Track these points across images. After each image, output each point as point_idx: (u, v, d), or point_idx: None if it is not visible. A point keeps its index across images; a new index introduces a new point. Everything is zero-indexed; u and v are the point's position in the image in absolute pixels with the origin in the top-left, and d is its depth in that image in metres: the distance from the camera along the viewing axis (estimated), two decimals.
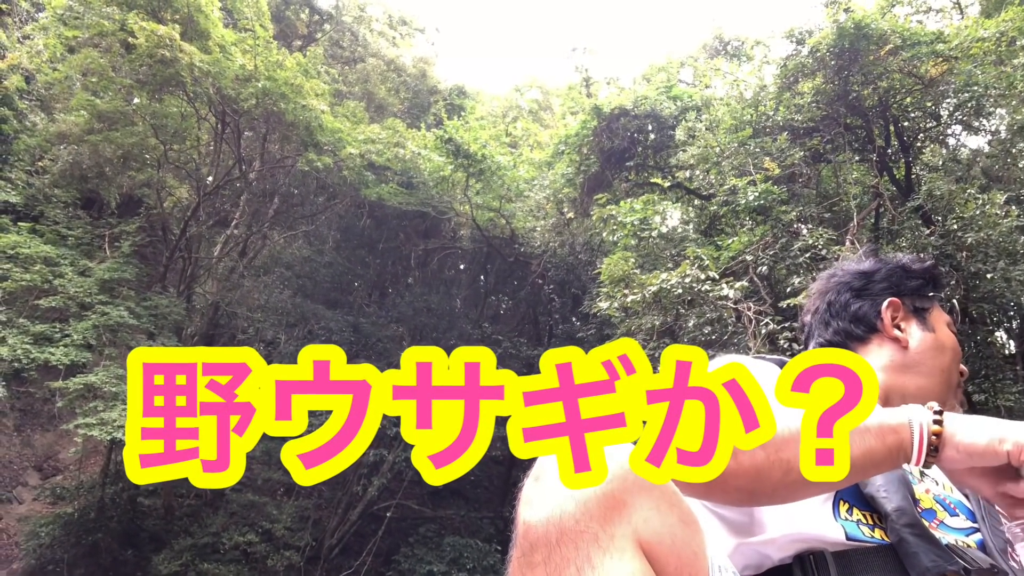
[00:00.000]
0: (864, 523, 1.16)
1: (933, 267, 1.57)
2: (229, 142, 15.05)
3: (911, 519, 1.11)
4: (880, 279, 1.54)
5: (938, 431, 1.03)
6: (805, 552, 1.13)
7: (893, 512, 1.12)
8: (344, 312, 17.13)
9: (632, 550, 0.85)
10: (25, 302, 12.31)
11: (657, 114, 11.27)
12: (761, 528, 1.18)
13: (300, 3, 19.90)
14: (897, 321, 1.48)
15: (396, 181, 15.33)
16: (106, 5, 12.39)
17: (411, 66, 20.66)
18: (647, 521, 0.88)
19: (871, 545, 1.12)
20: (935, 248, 8.35)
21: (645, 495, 0.89)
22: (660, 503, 0.90)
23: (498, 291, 18.75)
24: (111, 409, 11.05)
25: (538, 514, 0.87)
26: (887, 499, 1.14)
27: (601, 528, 0.84)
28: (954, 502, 1.26)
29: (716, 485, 0.96)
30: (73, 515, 14.24)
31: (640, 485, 0.88)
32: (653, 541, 0.88)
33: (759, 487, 0.99)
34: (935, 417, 1.04)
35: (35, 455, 17.46)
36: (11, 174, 14.63)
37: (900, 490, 1.16)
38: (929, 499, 1.23)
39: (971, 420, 1.05)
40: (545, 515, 0.86)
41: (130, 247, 13.87)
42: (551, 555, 0.84)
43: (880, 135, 10.13)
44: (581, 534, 0.84)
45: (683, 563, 0.90)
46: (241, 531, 14.24)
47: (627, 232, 9.28)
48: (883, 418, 1.03)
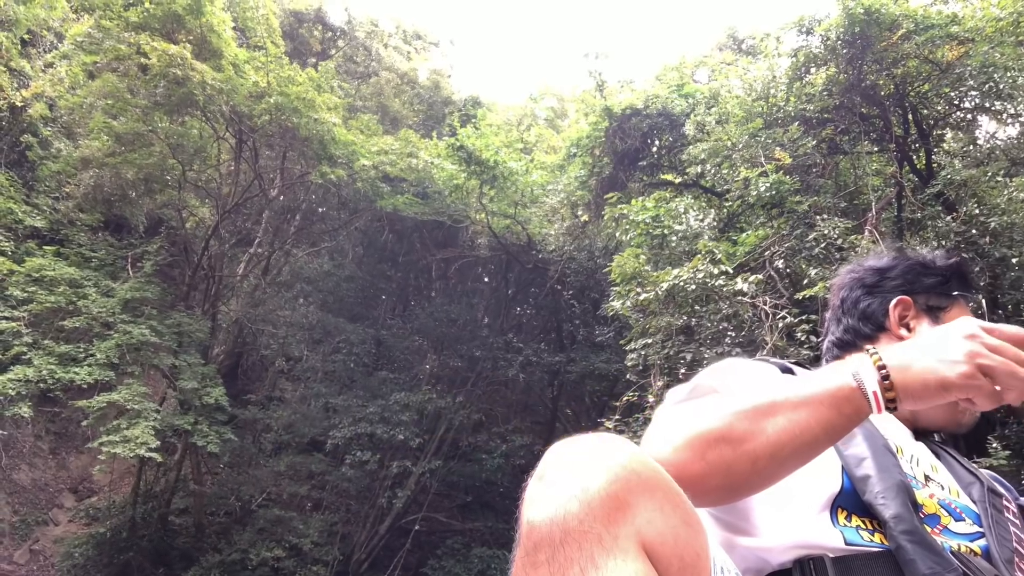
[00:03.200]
0: (864, 528, 1.13)
1: (957, 264, 1.51)
2: (247, 160, 15.23)
3: (908, 526, 1.08)
4: (895, 276, 1.51)
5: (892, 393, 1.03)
6: (805, 557, 1.11)
7: (891, 519, 1.09)
8: (366, 325, 17.17)
9: (635, 551, 0.86)
10: (51, 324, 12.53)
11: (669, 112, 11.15)
12: (756, 530, 1.17)
13: (313, 21, 20.18)
14: (907, 320, 1.45)
15: (411, 191, 15.39)
16: (123, 30, 12.65)
17: (425, 78, 20.82)
18: (650, 522, 0.88)
19: (871, 550, 1.10)
20: (957, 235, 8.11)
21: (648, 496, 0.89)
22: (664, 504, 0.90)
23: (520, 300, 18.69)
24: (134, 426, 11.16)
25: (542, 514, 0.87)
26: (885, 506, 1.10)
27: (605, 529, 0.85)
28: (960, 507, 1.20)
29: (696, 486, 0.99)
30: (106, 534, 14.43)
31: (644, 486, 0.89)
32: (656, 542, 0.88)
33: (733, 482, 1.03)
34: (881, 373, 1.04)
35: (70, 477, 17.73)
36: (37, 200, 14.96)
37: (899, 496, 1.11)
38: (933, 504, 1.18)
39: (911, 358, 1.05)
40: (549, 515, 0.86)
41: (152, 267, 14.08)
42: (555, 555, 0.84)
43: (898, 124, 9.89)
44: (585, 534, 0.84)
45: (686, 564, 0.90)
46: (268, 546, 14.27)
47: (640, 231, 9.15)
48: (826, 385, 1.04)
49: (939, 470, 1.29)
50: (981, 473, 1.31)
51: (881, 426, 1.28)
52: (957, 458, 1.36)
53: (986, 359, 1.00)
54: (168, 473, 15.08)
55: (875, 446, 1.19)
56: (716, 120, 9.64)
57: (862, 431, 1.20)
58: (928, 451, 1.34)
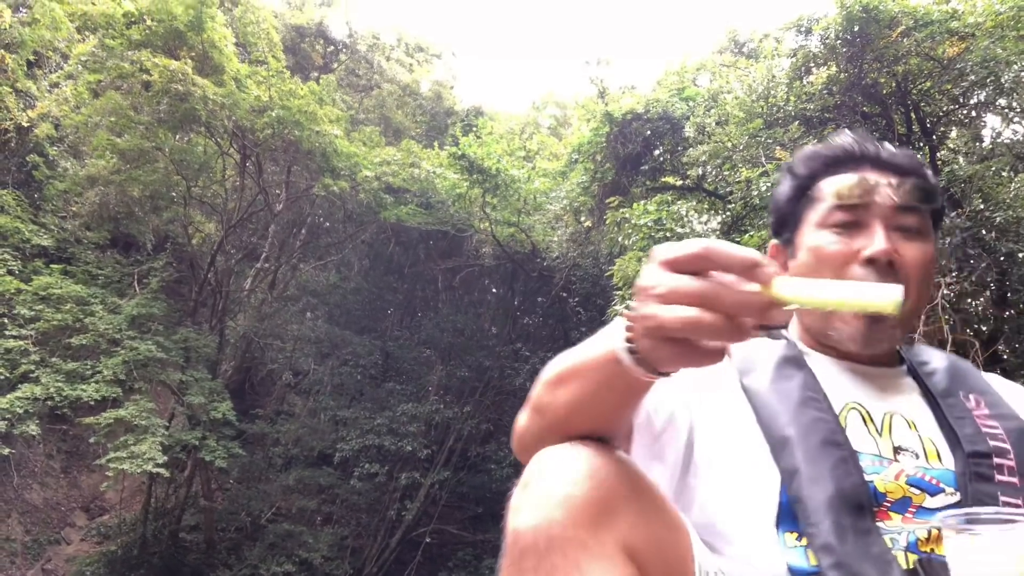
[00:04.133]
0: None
1: (792, 171, 1.32)
2: (251, 175, 15.31)
3: (837, 558, 0.98)
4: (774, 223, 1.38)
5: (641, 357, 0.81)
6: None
7: (819, 551, 1.00)
8: (373, 337, 17.18)
9: (619, 556, 0.86)
10: (58, 341, 12.58)
11: (670, 116, 11.12)
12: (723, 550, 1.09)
13: (315, 36, 20.33)
14: (782, 265, 1.31)
15: (415, 202, 15.42)
16: (127, 49, 12.77)
17: (427, 90, 20.91)
18: (634, 527, 0.88)
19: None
20: (963, 231, 8.02)
21: (632, 501, 0.90)
22: (647, 508, 0.91)
23: (527, 309, 18.65)
24: (141, 442, 11.17)
25: (527, 522, 0.87)
26: (814, 534, 1.01)
27: (589, 535, 0.85)
28: (937, 475, 1.10)
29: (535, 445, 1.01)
30: (116, 552, 14.42)
31: (627, 492, 0.90)
32: (640, 547, 0.89)
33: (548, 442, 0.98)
34: (628, 344, 0.81)
35: (82, 496, 17.74)
36: (44, 219, 15.06)
37: (833, 511, 1.01)
38: (899, 486, 1.07)
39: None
40: (534, 523, 0.86)
41: (158, 283, 14.13)
42: (540, 563, 0.84)
43: (901, 122, 9.82)
44: (569, 541, 0.84)
45: (670, 568, 0.91)
46: (279, 561, 14.22)
47: (643, 235, 9.09)
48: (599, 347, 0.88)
49: (920, 423, 1.17)
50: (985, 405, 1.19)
51: (842, 388, 1.19)
52: (967, 387, 1.23)
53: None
54: (179, 490, 15.08)
55: (809, 448, 1.07)
56: (716, 121, 9.60)
57: (797, 431, 1.08)
58: (914, 397, 1.23)
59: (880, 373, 1.25)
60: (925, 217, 1.23)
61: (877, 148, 1.25)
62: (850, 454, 1.07)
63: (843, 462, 1.06)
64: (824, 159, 1.28)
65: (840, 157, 1.26)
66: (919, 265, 1.19)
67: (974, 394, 1.21)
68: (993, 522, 0.83)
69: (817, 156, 1.29)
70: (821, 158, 1.28)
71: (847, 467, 1.05)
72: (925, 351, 1.33)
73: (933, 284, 1.24)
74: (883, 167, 1.24)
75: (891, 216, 1.19)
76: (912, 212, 1.21)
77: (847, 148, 1.26)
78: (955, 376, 1.25)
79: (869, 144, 1.26)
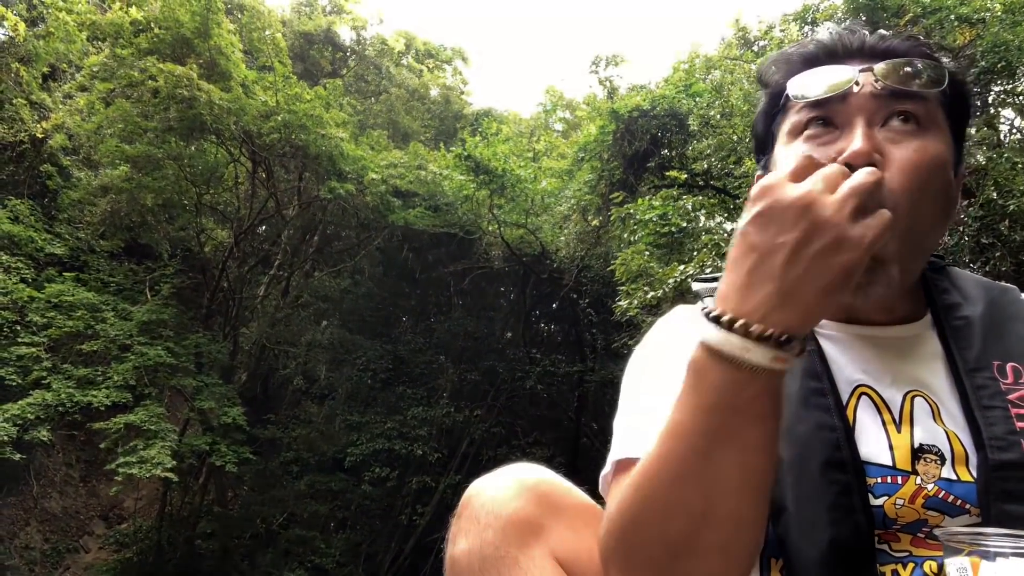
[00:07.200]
0: None
1: (763, 81, 1.08)
2: (261, 181, 15.37)
3: None
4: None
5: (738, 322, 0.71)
6: None
7: None
8: (384, 342, 17.14)
9: (551, 567, 0.90)
10: (69, 348, 12.66)
11: (676, 112, 11.01)
12: None
13: (323, 42, 20.43)
14: None
15: (423, 205, 15.39)
16: (136, 58, 12.86)
17: (436, 94, 20.94)
18: (563, 540, 0.93)
19: None
20: (976, 220, 7.86)
21: (559, 516, 0.94)
22: (574, 522, 0.95)
23: (539, 311, 18.55)
24: (150, 447, 11.18)
25: (461, 546, 0.93)
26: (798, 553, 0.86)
27: (520, 552, 0.89)
28: (962, 493, 0.86)
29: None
30: (132, 560, 14.46)
31: (554, 508, 0.95)
32: (571, 558, 0.92)
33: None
34: (711, 317, 0.72)
35: (100, 504, 17.82)
36: (58, 228, 15.18)
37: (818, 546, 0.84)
38: (914, 510, 0.86)
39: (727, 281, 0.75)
40: (467, 547, 0.92)
41: (169, 290, 14.19)
42: None
43: None
44: (502, 559, 0.89)
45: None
46: (291, 567, 14.17)
47: (648, 231, 8.99)
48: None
49: (948, 405, 0.92)
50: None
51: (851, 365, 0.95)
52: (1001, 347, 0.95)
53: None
54: (194, 497, 15.11)
55: (806, 475, 0.86)
56: (721, 114, 9.48)
57: (792, 450, 0.86)
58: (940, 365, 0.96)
59: (897, 335, 0.98)
60: (930, 107, 0.93)
61: (863, 37, 0.98)
62: (855, 479, 0.85)
63: (845, 494, 0.85)
64: (800, 59, 1.01)
65: (817, 55, 1.00)
66: (914, 168, 0.88)
67: (1014, 362, 0.93)
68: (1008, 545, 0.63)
69: (789, 58, 1.03)
70: (795, 58, 1.02)
71: (849, 502, 0.84)
72: (960, 279, 1.04)
73: (952, 198, 0.97)
74: (872, 58, 0.96)
75: (877, 107, 0.92)
76: (908, 100, 0.92)
77: (826, 43, 1.00)
78: (993, 328, 0.96)
79: (852, 35, 0.99)
